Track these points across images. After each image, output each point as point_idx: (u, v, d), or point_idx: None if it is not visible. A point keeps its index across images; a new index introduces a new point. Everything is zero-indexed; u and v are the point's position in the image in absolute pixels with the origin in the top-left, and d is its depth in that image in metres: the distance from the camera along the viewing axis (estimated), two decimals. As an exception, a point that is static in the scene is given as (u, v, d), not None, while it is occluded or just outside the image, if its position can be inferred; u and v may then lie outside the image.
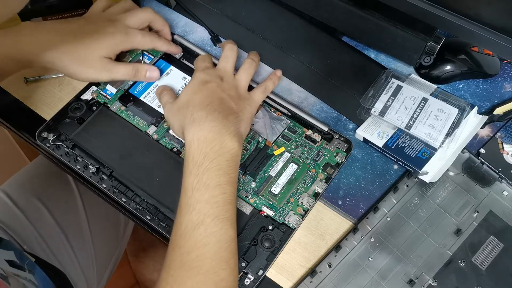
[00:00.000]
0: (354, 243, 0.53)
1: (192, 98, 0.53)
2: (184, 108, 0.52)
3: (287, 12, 0.67)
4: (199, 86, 0.53)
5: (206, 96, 0.52)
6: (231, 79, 0.56)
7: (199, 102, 0.52)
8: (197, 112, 0.51)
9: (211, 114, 0.50)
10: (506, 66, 0.64)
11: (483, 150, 0.58)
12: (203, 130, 0.50)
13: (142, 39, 0.59)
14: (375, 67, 0.64)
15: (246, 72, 0.57)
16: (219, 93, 0.53)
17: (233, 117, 0.52)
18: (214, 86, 0.53)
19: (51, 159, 0.58)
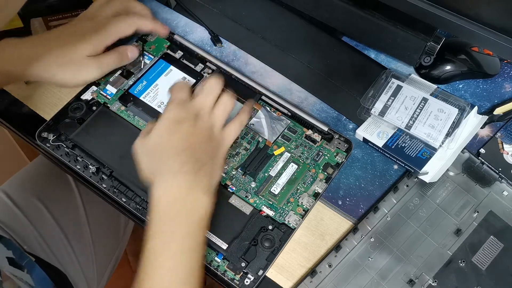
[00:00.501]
0: (354, 243, 0.53)
1: (164, 141, 0.48)
2: (156, 154, 0.48)
3: (287, 12, 0.67)
4: (173, 126, 0.48)
5: (179, 140, 0.48)
6: (207, 117, 0.51)
7: (172, 149, 0.47)
8: (169, 164, 0.47)
9: (183, 166, 0.47)
10: (506, 66, 0.64)
11: (483, 150, 0.58)
12: (172, 187, 0.46)
13: (123, 24, 0.56)
14: (375, 67, 0.64)
15: (224, 109, 0.52)
16: (192, 137, 0.48)
17: (206, 169, 0.48)
18: (188, 128, 0.49)
19: (51, 159, 0.58)
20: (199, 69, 0.62)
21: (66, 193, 0.72)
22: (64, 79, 0.54)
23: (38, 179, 0.73)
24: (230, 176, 0.56)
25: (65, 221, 0.70)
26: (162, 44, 0.64)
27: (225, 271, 0.51)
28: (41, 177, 0.74)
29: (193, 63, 0.63)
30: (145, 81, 0.61)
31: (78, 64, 0.54)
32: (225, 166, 0.56)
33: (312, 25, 0.66)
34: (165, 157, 0.47)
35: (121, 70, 0.62)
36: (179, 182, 0.46)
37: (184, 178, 0.46)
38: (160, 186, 0.46)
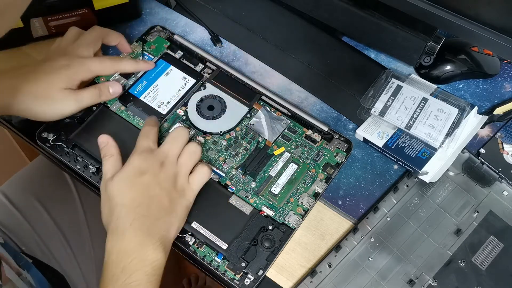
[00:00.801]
0: (354, 243, 0.53)
1: (123, 193, 0.48)
2: (112, 205, 0.48)
3: (287, 12, 0.67)
4: (134, 178, 0.49)
5: (138, 194, 0.48)
6: (172, 166, 0.51)
7: (128, 203, 0.48)
8: (122, 218, 0.47)
9: (137, 220, 0.47)
10: (506, 66, 0.64)
11: (483, 150, 0.58)
12: (124, 241, 0.46)
13: (100, 66, 0.57)
14: (375, 67, 0.64)
15: (190, 157, 0.52)
16: (152, 189, 0.49)
17: (163, 221, 0.48)
18: (149, 179, 0.49)
19: (51, 159, 0.58)
20: (199, 69, 0.62)
21: (64, 194, 0.72)
22: (41, 112, 0.54)
23: (37, 180, 0.73)
24: (230, 176, 0.56)
25: (64, 222, 0.70)
26: (162, 44, 0.64)
27: (225, 271, 0.51)
28: (40, 178, 0.73)
29: (193, 63, 0.63)
30: (145, 81, 0.61)
31: (54, 97, 0.54)
32: (225, 166, 0.56)
33: (312, 25, 0.66)
34: (118, 211, 0.47)
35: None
36: (130, 236, 0.46)
37: (136, 232, 0.46)
38: (111, 239, 0.47)
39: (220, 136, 0.58)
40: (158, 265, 0.46)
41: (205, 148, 0.57)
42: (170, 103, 0.60)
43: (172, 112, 0.59)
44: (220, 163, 0.56)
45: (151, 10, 0.68)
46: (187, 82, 0.61)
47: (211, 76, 0.62)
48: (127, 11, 0.66)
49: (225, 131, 0.58)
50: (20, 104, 0.53)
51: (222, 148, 0.57)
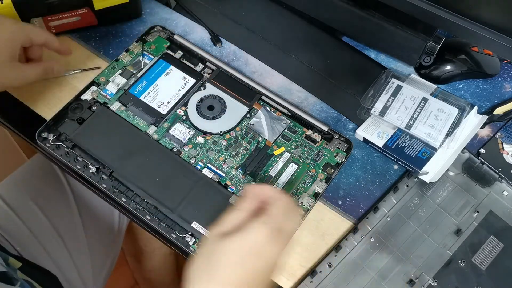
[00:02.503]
0: (354, 243, 0.53)
1: (234, 267, 0.40)
2: (216, 272, 0.40)
3: (287, 12, 0.67)
4: (252, 256, 0.40)
5: (246, 278, 0.40)
6: (284, 237, 0.42)
7: (232, 283, 0.40)
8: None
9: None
10: (506, 66, 0.64)
11: (483, 150, 0.58)
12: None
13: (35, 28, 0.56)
14: (375, 67, 0.64)
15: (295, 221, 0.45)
16: (261, 276, 0.41)
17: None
18: (264, 267, 0.41)
19: (51, 159, 0.58)
20: (199, 69, 0.62)
21: (59, 194, 0.72)
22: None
23: (32, 180, 0.73)
24: (230, 176, 0.56)
25: (60, 222, 0.70)
26: (162, 44, 0.64)
27: (225, 271, 0.51)
28: (35, 178, 0.73)
29: (193, 63, 0.63)
30: (145, 81, 0.61)
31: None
32: (225, 166, 0.56)
33: (312, 25, 0.66)
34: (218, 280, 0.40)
35: (121, 70, 0.62)
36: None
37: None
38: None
39: (220, 136, 0.58)
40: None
41: (205, 148, 0.57)
42: (170, 103, 0.60)
43: (172, 112, 0.59)
44: (220, 163, 0.56)
45: (151, 10, 0.68)
46: (187, 82, 0.61)
47: (211, 76, 0.62)
48: (127, 11, 0.66)
49: (225, 131, 0.58)
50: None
51: (222, 148, 0.57)
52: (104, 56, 0.64)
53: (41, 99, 0.61)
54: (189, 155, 0.57)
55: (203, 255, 0.41)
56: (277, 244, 0.41)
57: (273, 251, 0.41)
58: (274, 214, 0.42)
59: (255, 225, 0.41)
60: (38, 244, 0.67)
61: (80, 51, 0.64)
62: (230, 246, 0.40)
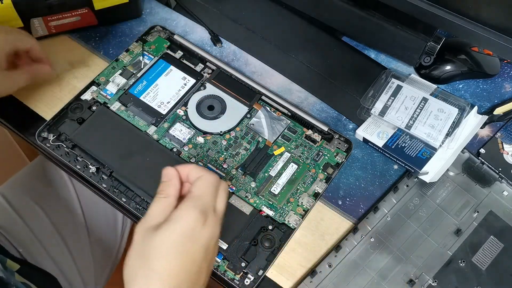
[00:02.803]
0: (354, 243, 0.53)
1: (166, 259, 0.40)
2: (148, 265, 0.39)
3: (287, 12, 0.67)
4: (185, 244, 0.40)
5: (183, 267, 0.40)
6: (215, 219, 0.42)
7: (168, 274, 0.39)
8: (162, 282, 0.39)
9: None
10: (506, 66, 0.64)
11: (483, 150, 0.58)
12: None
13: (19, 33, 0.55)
14: (375, 67, 0.64)
15: (226, 198, 0.44)
16: (199, 264, 0.41)
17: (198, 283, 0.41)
18: (201, 252, 0.41)
19: (51, 159, 0.58)
20: (199, 69, 0.62)
21: (63, 195, 0.72)
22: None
23: (36, 181, 0.73)
24: (230, 176, 0.56)
25: (62, 224, 0.70)
26: (162, 44, 0.64)
27: (225, 271, 0.51)
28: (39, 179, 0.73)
29: (193, 63, 0.63)
30: (145, 81, 0.61)
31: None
32: (225, 166, 0.56)
33: (312, 25, 0.66)
34: (151, 280, 0.39)
35: (121, 70, 0.62)
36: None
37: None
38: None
39: (220, 136, 0.58)
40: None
41: (205, 148, 0.57)
42: (170, 103, 0.60)
43: (172, 112, 0.59)
44: (220, 163, 0.56)
45: (151, 10, 0.68)
46: (187, 82, 0.61)
47: (211, 76, 0.62)
48: (127, 11, 0.66)
49: (225, 131, 0.58)
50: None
51: (222, 148, 0.57)
52: (104, 56, 0.64)
53: (41, 99, 0.61)
54: (189, 155, 0.57)
55: (136, 252, 0.40)
56: (208, 225, 0.41)
57: (206, 233, 0.41)
58: (199, 194, 0.41)
59: (182, 211, 0.40)
60: (39, 245, 0.67)
61: (80, 51, 0.64)
62: (162, 238, 0.39)
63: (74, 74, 0.63)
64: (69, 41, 0.65)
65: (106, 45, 0.65)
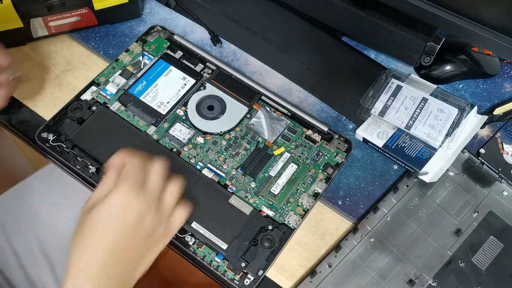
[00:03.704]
0: (354, 243, 0.53)
1: (99, 232, 0.43)
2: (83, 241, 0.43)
3: (287, 12, 0.67)
4: (118, 216, 0.43)
5: (115, 238, 0.43)
6: (159, 209, 0.45)
7: (101, 246, 0.43)
8: (87, 262, 0.42)
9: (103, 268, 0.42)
10: (506, 66, 0.64)
11: (483, 150, 0.58)
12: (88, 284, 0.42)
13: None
14: (375, 67, 0.64)
15: (177, 192, 0.47)
16: (133, 234, 0.44)
17: (132, 268, 0.44)
18: (134, 223, 0.43)
19: (51, 159, 0.58)
20: (199, 69, 0.63)
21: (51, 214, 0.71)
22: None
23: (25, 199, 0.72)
24: (230, 176, 0.56)
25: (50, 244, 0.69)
26: (162, 44, 0.64)
27: (225, 271, 0.51)
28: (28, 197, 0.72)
29: (193, 63, 0.63)
30: (145, 81, 0.61)
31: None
32: (225, 166, 0.56)
33: (312, 25, 0.66)
34: (86, 253, 0.42)
35: (121, 70, 0.62)
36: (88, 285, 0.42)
37: (97, 284, 0.42)
38: (69, 285, 0.42)
39: (220, 136, 0.58)
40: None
41: (205, 148, 0.57)
42: (170, 103, 0.60)
43: (172, 112, 0.59)
44: (220, 163, 0.56)
45: (151, 10, 0.68)
46: (187, 82, 0.61)
47: (211, 76, 0.62)
48: (127, 11, 0.66)
49: (225, 131, 0.58)
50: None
51: (222, 148, 0.57)
52: (104, 56, 0.64)
53: (41, 99, 0.61)
54: (189, 155, 0.57)
55: (76, 232, 0.44)
56: (140, 197, 0.44)
57: (139, 205, 0.44)
58: (129, 172, 0.45)
59: (112, 191, 0.44)
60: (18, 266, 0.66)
61: (80, 51, 0.64)
62: (97, 215, 0.43)
63: (74, 74, 0.63)
64: (69, 41, 0.65)
65: (106, 45, 0.65)
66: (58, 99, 0.61)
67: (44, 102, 0.61)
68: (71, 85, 0.62)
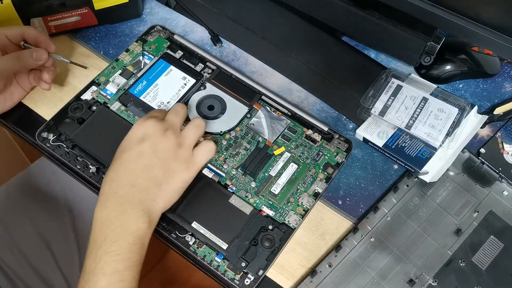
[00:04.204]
0: (354, 243, 0.53)
1: (116, 159, 0.49)
2: (108, 170, 0.49)
3: (287, 12, 0.67)
4: (132, 144, 0.49)
5: (130, 161, 0.48)
6: (176, 135, 0.50)
7: (118, 169, 0.48)
8: (109, 184, 0.48)
9: (122, 188, 0.47)
10: (506, 66, 0.64)
11: (483, 150, 0.58)
12: (106, 208, 0.47)
13: None
14: (375, 67, 0.64)
15: (195, 130, 0.51)
16: (148, 158, 0.48)
17: (151, 192, 0.48)
18: (147, 148, 0.48)
19: (51, 159, 0.58)
20: (199, 69, 0.63)
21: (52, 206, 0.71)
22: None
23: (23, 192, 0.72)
24: (230, 176, 0.56)
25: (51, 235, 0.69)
26: (162, 44, 0.64)
27: (225, 271, 0.51)
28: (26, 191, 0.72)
29: (193, 63, 0.63)
30: (145, 81, 0.61)
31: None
32: (225, 166, 0.56)
33: (312, 25, 0.66)
34: (108, 178, 0.48)
35: (121, 70, 0.62)
36: (114, 203, 0.47)
37: (120, 200, 0.47)
38: (98, 205, 0.47)
39: (220, 136, 0.58)
40: (141, 235, 0.46)
41: (205, 148, 0.57)
42: (170, 103, 0.60)
43: (172, 112, 0.59)
44: (220, 163, 0.56)
45: (151, 10, 0.68)
46: (187, 82, 0.61)
47: (211, 76, 0.62)
48: (127, 11, 0.66)
49: (225, 131, 0.58)
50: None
51: (222, 148, 0.57)
52: (104, 56, 0.64)
53: (41, 99, 0.61)
54: (189, 155, 0.57)
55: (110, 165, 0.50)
56: (159, 125, 0.49)
57: (158, 130, 0.49)
58: (167, 118, 0.52)
59: (137, 121, 0.51)
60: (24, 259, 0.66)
61: (80, 51, 0.64)
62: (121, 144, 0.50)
63: (74, 74, 0.63)
64: (69, 41, 0.65)
65: (106, 45, 0.65)
66: (58, 99, 0.61)
67: (44, 102, 0.61)
68: (71, 85, 0.62)
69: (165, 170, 0.49)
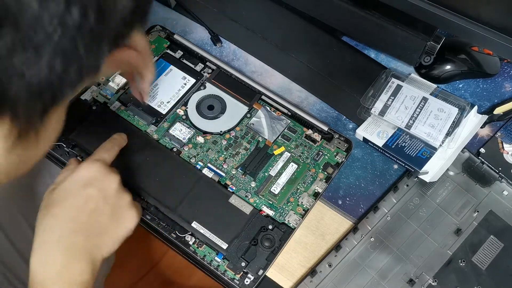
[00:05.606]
0: (354, 243, 0.53)
1: (58, 203, 0.45)
2: (45, 213, 0.44)
3: (287, 12, 0.67)
4: (77, 188, 0.45)
5: (75, 206, 0.45)
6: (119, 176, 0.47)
7: (61, 214, 0.44)
8: (50, 231, 0.43)
9: (67, 238, 0.43)
10: (506, 66, 0.64)
11: (483, 150, 0.58)
12: (48, 263, 0.42)
13: None
14: (375, 66, 0.64)
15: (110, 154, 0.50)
16: (94, 203, 0.45)
17: (98, 239, 0.45)
18: (93, 192, 0.45)
19: (51, 159, 0.58)
20: (199, 69, 0.63)
21: None
22: None
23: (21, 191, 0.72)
24: (230, 175, 0.56)
25: None
26: (162, 44, 0.64)
27: (225, 271, 0.51)
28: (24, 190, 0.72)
29: (193, 62, 0.63)
30: (145, 81, 0.61)
31: None
32: (225, 166, 0.56)
33: (312, 25, 0.66)
34: (46, 223, 0.44)
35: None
36: (53, 259, 0.43)
37: (59, 252, 0.43)
38: (35, 255, 0.43)
39: (220, 136, 0.58)
40: (85, 286, 0.43)
41: (205, 148, 0.57)
42: (170, 102, 0.60)
43: (172, 112, 0.59)
44: (220, 163, 0.56)
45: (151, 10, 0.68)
46: (187, 81, 0.61)
47: (211, 76, 0.62)
48: (127, 11, 0.66)
49: (225, 131, 0.58)
50: None
51: (222, 148, 0.57)
52: (104, 56, 0.64)
53: (41, 99, 0.61)
54: (189, 155, 0.57)
55: (40, 209, 0.46)
56: (102, 170, 0.46)
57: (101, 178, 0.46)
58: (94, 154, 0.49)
59: (75, 169, 0.47)
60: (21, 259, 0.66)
61: (80, 51, 0.64)
62: (58, 191, 0.45)
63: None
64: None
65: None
66: (58, 99, 0.61)
67: (44, 101, 0.61)
68: (71, 84, 0.62)
69: (112, 215, 0.46)
